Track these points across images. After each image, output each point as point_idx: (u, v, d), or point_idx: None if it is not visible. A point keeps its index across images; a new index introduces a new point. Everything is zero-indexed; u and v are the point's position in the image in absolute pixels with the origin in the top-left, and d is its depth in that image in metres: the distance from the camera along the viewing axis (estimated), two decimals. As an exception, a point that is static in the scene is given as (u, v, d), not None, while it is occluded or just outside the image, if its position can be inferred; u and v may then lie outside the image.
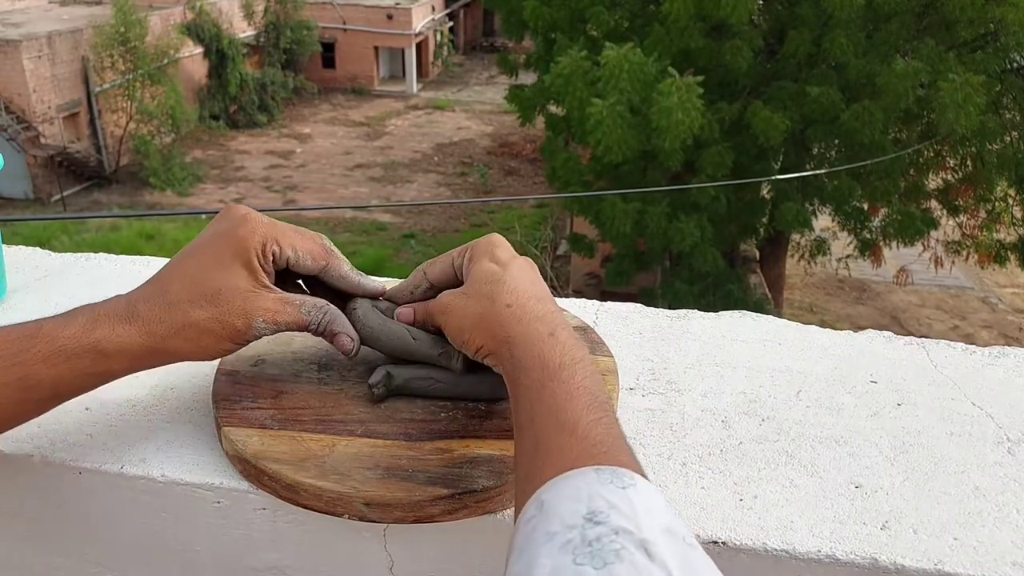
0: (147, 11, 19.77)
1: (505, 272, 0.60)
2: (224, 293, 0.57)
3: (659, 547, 0.41)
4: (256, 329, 0.58)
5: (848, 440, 0.65)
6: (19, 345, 0.54)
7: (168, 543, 0.64)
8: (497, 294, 0.58)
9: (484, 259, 0.62)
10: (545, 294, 0.61)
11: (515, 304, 0.58)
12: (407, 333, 0.63)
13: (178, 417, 0.66)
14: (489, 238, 0.64)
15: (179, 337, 0.57)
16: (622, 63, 8.17)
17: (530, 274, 0.62)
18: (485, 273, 0.60)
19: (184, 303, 0.57)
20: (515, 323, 0.57)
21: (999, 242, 11.71)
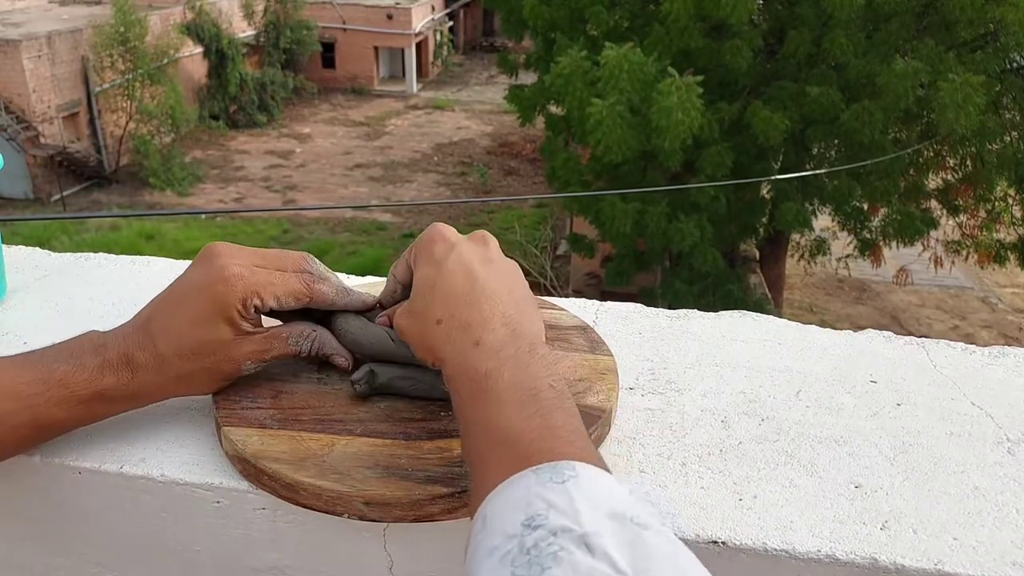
0: (147, 11, 19.77)
1: (437, 277, 0.57)
2: (208, 346, 0.60)
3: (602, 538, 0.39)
4: (246, 369, 0.62)
5: (848, 440, 0.65)
6: (33, 389, 0.56)
7: (168, 543, 0.64)
8: (428, 310, 0.56)
9: (421, 263, 0.59)
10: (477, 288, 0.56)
11: (444, 318, 0.55)
12: (387, 336, 0.63)
13: (178, 417, 0.66)
14: (429, 233, 0.61)
15: (173, 385, 0.61)
16: (622, 63, 8.16)
17: (466, 268, 0.57)
18: (420, 284, 0.58)
19: (172, 357, 0.59)
20: (444, 341, 0.55)
21: (999, 242, 11.72)
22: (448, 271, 0.57)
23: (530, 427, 0.47)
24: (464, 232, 0.62)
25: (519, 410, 0.48)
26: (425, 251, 0.59)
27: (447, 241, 0.59)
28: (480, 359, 0.52)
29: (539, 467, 0.43)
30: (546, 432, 0.46)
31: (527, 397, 0.49)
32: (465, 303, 0.56)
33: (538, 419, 0.47)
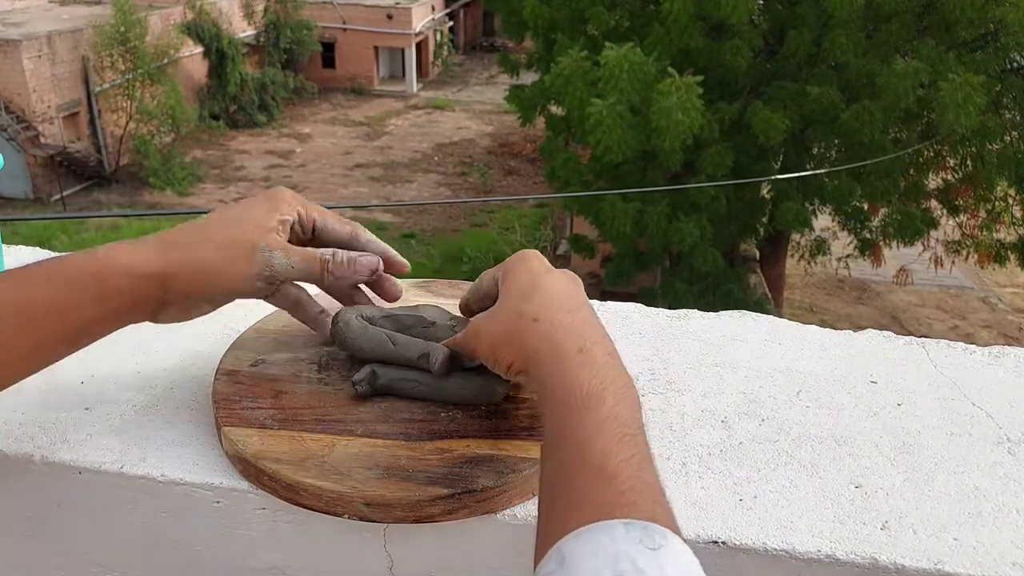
0: (147, 11, 19.76)
1: (536, 285, 0.57)
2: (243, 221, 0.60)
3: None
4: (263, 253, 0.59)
5: (848, 440, 0.65)
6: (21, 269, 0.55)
7: (168, 543, 0.64)
8: (525, 308, 0.56)
9: (516, 273, 0.59)
10: (581, 307, 0.57)
11: (543, 318, 0.54)
12: (387, 339, 0.63)
13: (178, 417, 0.66)
14: (523, 253, 0.62)
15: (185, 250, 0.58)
16: (622, 63, 8.17)
17: (566, 286, 0.58)
18: (515, 288, 0.58)
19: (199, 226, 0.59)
20: (541, 339, 0.53)
21: (999, 242, 11.72)
22: (549, 281, 0.58)
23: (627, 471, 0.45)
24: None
25: (618, 448, 0.46)
26: (522, 266, 0.60)
27: (543, 263, 0.60)
28: (583, 372, 0.50)
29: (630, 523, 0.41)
30: (639, 484, 0.44)
31: (627, 436, 0.47)
32: (567, 311, 0.55)
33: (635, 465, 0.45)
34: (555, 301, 0.56)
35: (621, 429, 0.47)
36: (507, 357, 0.56)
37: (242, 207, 0.61)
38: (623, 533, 0.40)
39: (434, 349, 0.62)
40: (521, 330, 0.55)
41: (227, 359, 0.68)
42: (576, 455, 0.46)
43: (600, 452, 0.45)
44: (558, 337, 0.53)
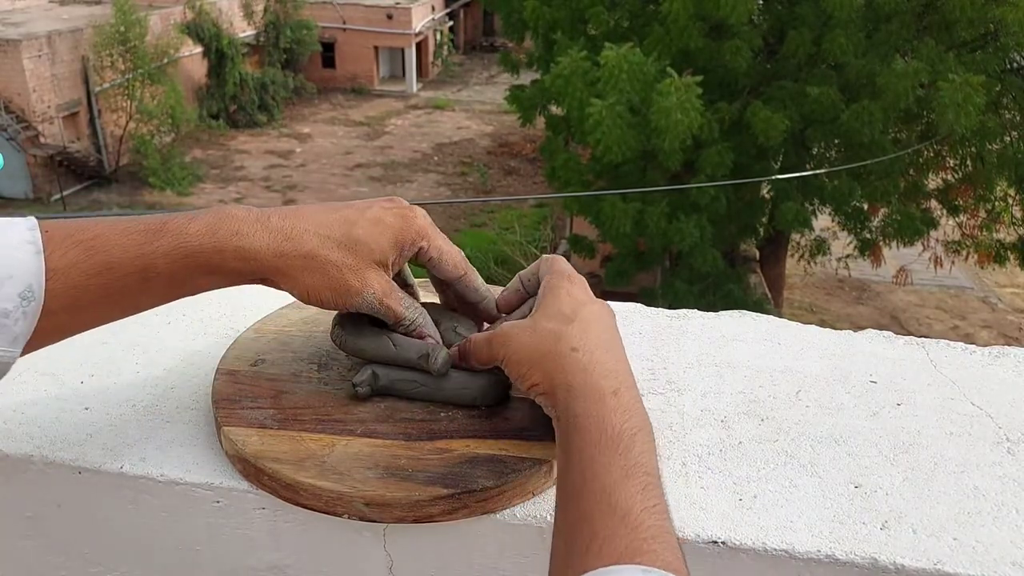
0: (147, 11, 19.76)
1: (578, 313, 0.56)
2: (360, 250, 0.58)
3: None
4: (363, 298, 0.58)
5: (848, 440, 0.65)
6: (144, 238, 0.54)
7: (168, 543, 0.64)
8: (565, 335, 0.55)
9: (558, 292, 0.58)
10: (617, 345, 0.57)
11: (582, 350, 0.54)
12: (388, 340, 0.63)
13: (178, 417, 0.66)
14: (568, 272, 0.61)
15: (296, 265, 0.56)
16: (621, 63, 8.17)
17: (605, 320, 0.58)
18: (557, 308, 0.57)
19: (321, 235, 0.57)
20: (579, 371, 0.53)
21: (999, 242, 11.72)
22: (591, 313, 0.57)
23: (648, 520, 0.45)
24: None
25: (642, 495, 0.46)
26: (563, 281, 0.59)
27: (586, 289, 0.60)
28: (617, 414, 0.50)
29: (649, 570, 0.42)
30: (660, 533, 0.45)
31: (650, 485, 0.47)
32: (605, 349, 0.55)
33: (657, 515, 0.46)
34: (596, 333, 0.56)
35: (647, 477, 0.47)
36: (535, 377, 0.55)
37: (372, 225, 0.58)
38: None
39: (434, 349, 0.62)
40: (558, 355, 0.54)
41: (227, 359, 0.68)
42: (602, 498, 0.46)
43: (626, 498, 0.46)
44: (595, 374, 0.53)
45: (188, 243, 0.54)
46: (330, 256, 0.57)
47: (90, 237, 0.53)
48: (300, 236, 0.56)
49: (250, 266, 0.56)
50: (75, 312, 0.54)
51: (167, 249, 0.54)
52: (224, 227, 0.55)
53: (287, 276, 0.56)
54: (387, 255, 0.59)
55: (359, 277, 0.58)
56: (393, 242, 0.59)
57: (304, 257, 0.56)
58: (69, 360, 0.73)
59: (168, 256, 0.54)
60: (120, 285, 0.54)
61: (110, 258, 0.53)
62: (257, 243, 0.55)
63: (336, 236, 0.57)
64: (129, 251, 0.53)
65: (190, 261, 0.54)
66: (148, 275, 0.54)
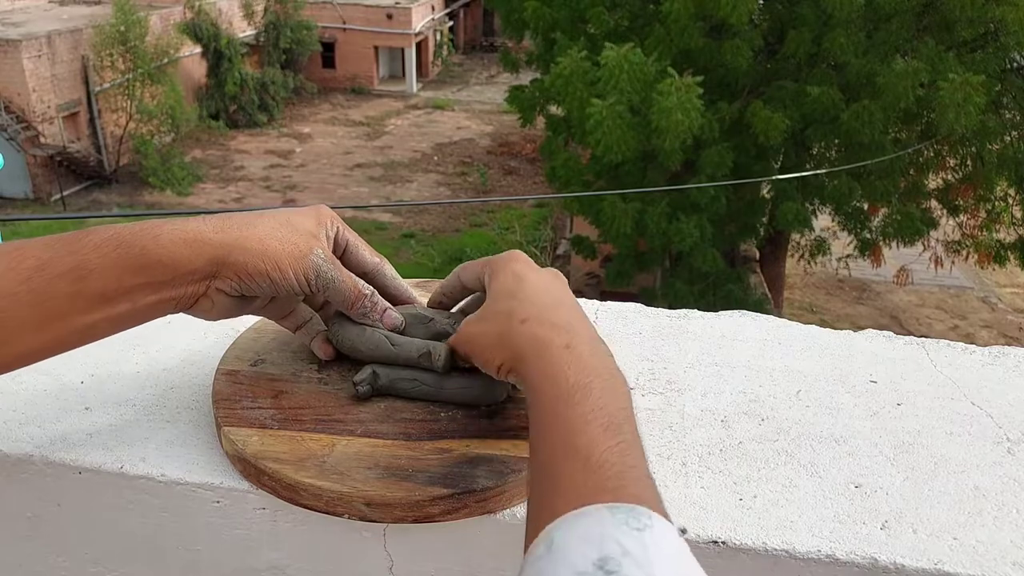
0: (147, 11, 19.76)
1: (522, 284, 0.58)
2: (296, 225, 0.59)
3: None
4: (313, 257, 0.59)
5: (848, 440, 0.65)
6: (74, 237, 0.53)
7: (168, 543, 0.64)
8: (514, 309, 0.56)
9: (501, 274, 0.60)
10: (566, 303, 0.58)
11: (531, 318, 0.55)
12: (386, 340, 0.63)
13: (178, 417, 0.66)
14: (508, 253, 0.62)
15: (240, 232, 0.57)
16: (622, 63, 8.17)
17: (552, 284, 0.59)
18: (502, 289, 0.59)
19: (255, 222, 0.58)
20: (528, 338, 0.54)
21: (999, 242, 11.72)
22: (536, 280, 0.59)
23: (611, 459, 0.46)
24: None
25: (603, 437, 0.47)
26: (504, 264, 0.61)
27: (529, 263, 0.61)
28: (570, 367, 0.51)
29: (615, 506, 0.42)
30: (625, 470, 0.45)
31: (612, 425, 0.48)
32: (553, 306, 0.56)
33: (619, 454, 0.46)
34: (541, 298, 0.57)
35: (607, 419, 0.48)
36: (497, 358, 0.56)
37: (291, 212, 0.61)
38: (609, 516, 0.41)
39: (435, 347, 0.62)
40: (510, 331, 0.56)
41: (227, 359, 0.68)
42: (562, 446, 0.47)
43: (587, 443, 0.46)
44: (544, 334, 0.54)
45: (119, 234, 0.53)
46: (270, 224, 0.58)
47: (16, 247, 0.52)
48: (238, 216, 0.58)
49: (194, 249, 0.54)
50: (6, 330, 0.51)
51: (98, 242, 0.53)
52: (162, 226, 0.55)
53: (238, 249, 0.56)
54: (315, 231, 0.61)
55: (303, 239, 0.59)
56: (315, 222, 0.61)
57: (247, 226, 0.57)
58: (69, 360, 0.73)
59: (99, 249, 0.52)
60: (52, 290, 0.51)
61: (39, 261, 0.51)
62: (196, 224, 0.56)
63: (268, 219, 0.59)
64: (59, 251, 0.52)
65: (123, 252, 0.52)
66: (80, 273, 0.52)
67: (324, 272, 0.59)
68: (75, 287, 0.52)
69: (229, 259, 0.56)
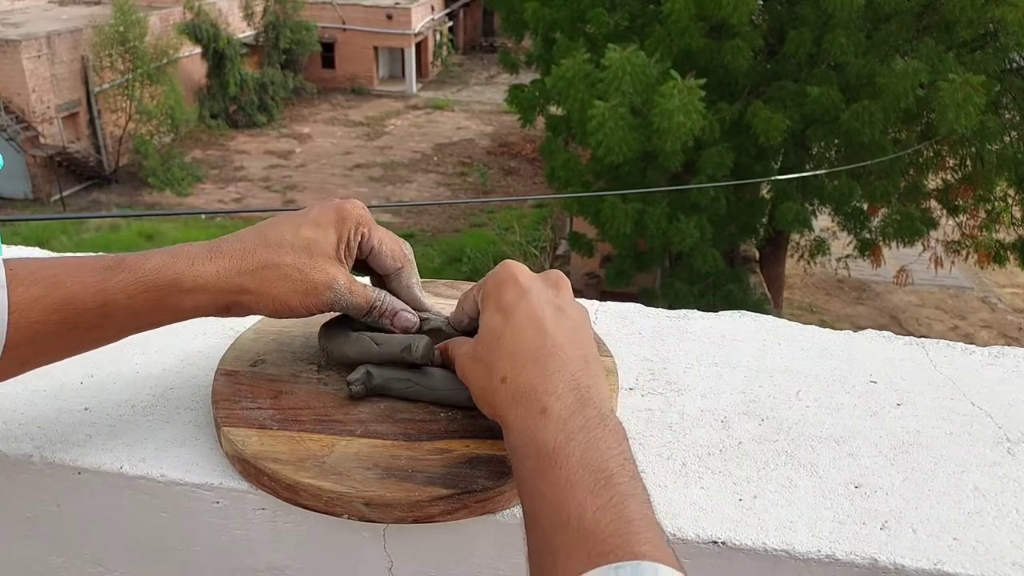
0: (147, 11, 19.77)
1: (505, 328, 0.56)
2: (315, 247, 0.59)
3: None
4: (332, 292, 0.60)
5: (848, 440, 0.65)
6: (102, 275, 0.55)
7: (168, 543, 0.64)
8: (494, 364, 0.55)
9: (489, 309, 0.58)
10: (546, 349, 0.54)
11: (509, 376, 0.54)
12: (370, 341, 0.63)
13: (178, 417, 0.66)
14: (497, 273, 0.60)
15: (257, 277, 0.58)
16: (625, 65, 8.17)
17: (536, 319, 0.56)
18: (486, 332, 0.57)
19: (274, 245, 0.59)
20: (508, 404, 0.53)
21: (999, 242, 11.71)
22: (517, 324, 0.56)
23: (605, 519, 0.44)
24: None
25: (592, 497, 0.45)
26: (494, 294, 0.58)
27: (518, 285, 0.58)
28: (548, 431, 0.49)
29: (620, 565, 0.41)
30: (622, 526, 0.43)
31: (601, 481, 0.46)
32: (532, 360, 0.54)
33: (613, 510, 0.44)
34: (521, 350, 0.54)
35: (593, 478, 0.46)
36: (485, 410, 0.56)
37: (315, 225, 0.60)
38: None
39: (414, 340, 0.62)
40: (491, 390, 0.55)
41: (227, 359, 0.68)
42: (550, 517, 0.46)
43: (575, 508, 0.45)
44: (522, 400, 0.52)
45: (145, 278, 0.56)
46: (287, 260, 0.59)
47: (51, 275, 0.55)
48: (253, 251, 0.58)
49: (211, 294, 0.57)
50: (36, 347, 0.55)
51: (125, 284, 0.56)
52: (179, 260, 0.57)
53: (251, 292, 0.58)
54: (337, 248, 0.61)
55: (322, 272, 0.59)
56: (337, 234, 0.61)
57: (263, 268, 0.58)
58: (69, 360, 0.73)
59: (126, 291, 0.55)
60: (80, 321, 0.55)
61: (69, 294, 0.54)
62: (214, 269, 0.57)
63: (287, 242, 0.59)
64: (88, 287, 0.55)
65: (150, 295, 0.56)
66: (108, 310, 0.55)
67: (338, 298, 0.60)
68: (101, 321, 0.56)
69: (241, 301, 0.58)
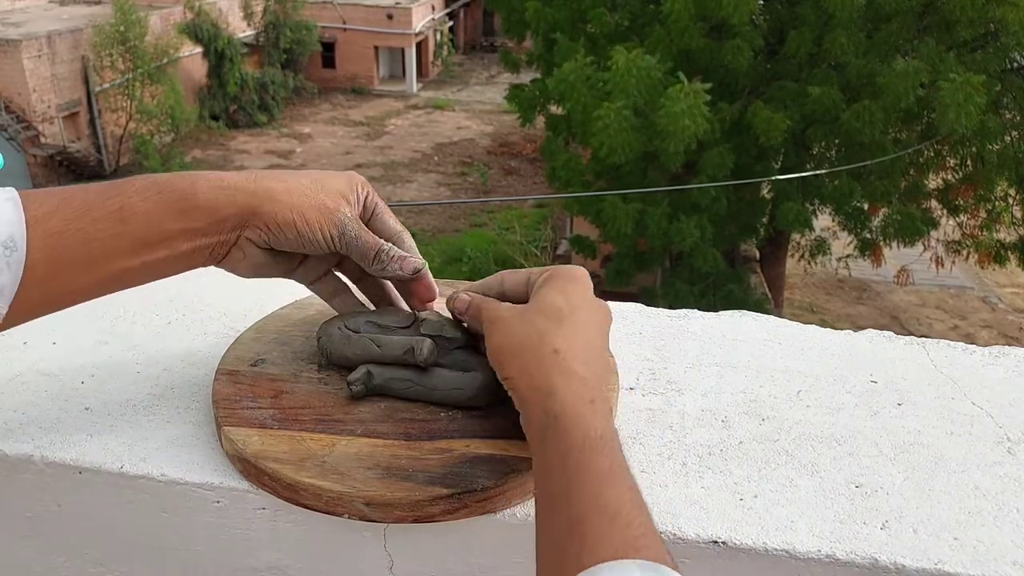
0: (147, 11, 19.77)
1: (569, 313, 0.57)
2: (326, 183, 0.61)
3: None
4: (343, 216, 0.61)
5: (848, 440, 0.65)
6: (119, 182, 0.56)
7: (168, 543, 0.64)
8: (549, 333, 0.55)
9: (555, 290, 0.58)
10: (599, 356, 0.57)
11: (564, 352, 0.54)
12: (371, 343, 0.63)
13: (178, 417, 0.66)
14: (573, 271, 0.61)
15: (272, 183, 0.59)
16: (630, 67, 8.18)
17: (596, 326, 0.58)
18: (548, 305, 0.57)
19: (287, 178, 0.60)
20: (558, 374, 0.53)
21: (999, 242, 11.71)
22: (583, 315, 0.57)
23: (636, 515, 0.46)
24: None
25: (626, 493, 0.47)
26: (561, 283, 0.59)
27: (586, 291, 0.60)
28: (596, 419, 0.51)
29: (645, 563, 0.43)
30: (647, 527, 0.46)
31: (631, 483, 0.48)
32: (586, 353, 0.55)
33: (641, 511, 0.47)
34: (582, 339, 0.56)
35: (628, 479, 0.48)
36: (511, 369, 0.55)
37: (325, 174, 0.63)
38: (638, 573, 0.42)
39: (418, 342, 0.62)
40: (538, 354, 0.54)
41: (227, 359, 0.68)
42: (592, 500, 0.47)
43: (615, 498, 0.47)
44: (574, 380, 0.53)
45: (159, 180, 0.56)
46: (303, 180, 0.61)
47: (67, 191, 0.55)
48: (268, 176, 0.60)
49: (228, 195, 0.57)
50: (56, 263, 0.53)
51: (141, 187, 0.56)
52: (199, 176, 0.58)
53: (268, 199, 0.58)
54: (346, 192, 0.62)
55: (331, 198, 0.61)
56: (347, 183, 0.63)
57: (279, 180, 0.60)
58: (69, 360, 0.73)
59: (142, 193, 0.55)
60: (97, 229, 0.54)
61: (86, 202, 0.54)
62: (231, 175, 0.59)
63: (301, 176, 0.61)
64: (104, 194, 0.55)
65: (164, 196, 0.55)
66: (124, 215, 0.55)
67: (349, 230, 0.61)
68: (118, 228, 0.54)
69: (260, 208, 0.58)
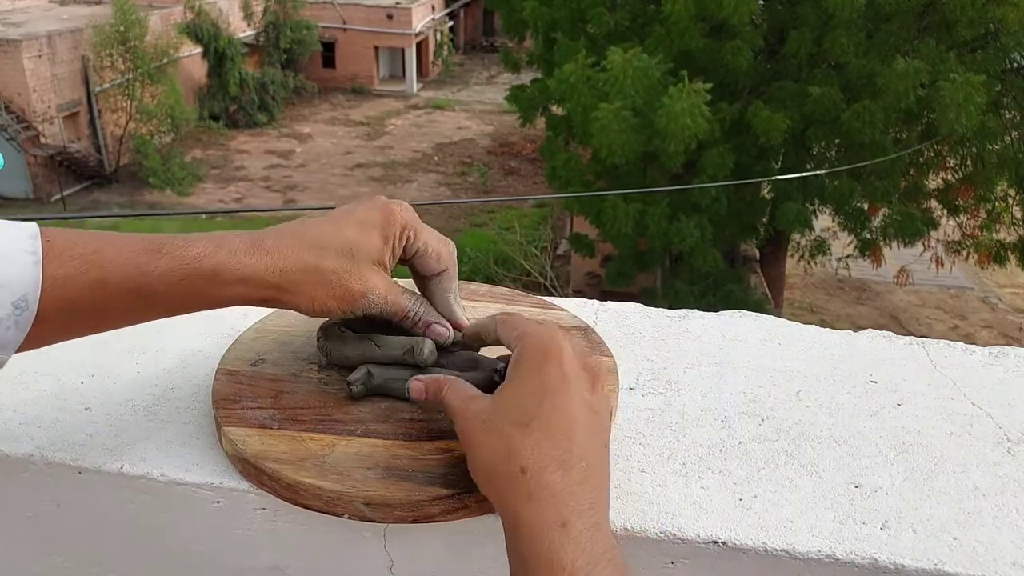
0: (147, 11, 19.77)
1: (538, 411, 0.51)
2: (357, 252, 0.58)
3: None
4: (368, 300, 0.59)
5: (848, 440, 0.65)
6: (142, 258, 0.54)
7: (168, 543, 0.64)
8: (515, 446, 0.50)
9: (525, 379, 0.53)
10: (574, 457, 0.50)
11: (531, 468, 0.49)
12: (371, 343, 0.63)
13: (178, 417, 0.66)
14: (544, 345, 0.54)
15: (297, 279, 0.57)
16: (627, 67, 8.18)
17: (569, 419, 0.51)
18: (515, 406, 0.52)
19: (318, 247, 0.57)
20: (524, 500, 0.48)
21: (999, 242, 11.72)
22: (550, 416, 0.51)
23: None
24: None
25: None
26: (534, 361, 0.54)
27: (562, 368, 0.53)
28: (566, 550, 0.45)
29: None
30: None
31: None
32: (559, 463, 0.49)
33: None
34: (552, 443, 0.50)
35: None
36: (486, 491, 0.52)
37: (360, 226, 0.59)
38: None
39: (418, 342, 0.62)
40: (507, 476, 0.50)
41: (227, 359, 0.68)
42: None
43: None
44: (542, 503, 0.47)
45: (185, 266, 0.54)
46: (329, 264, 0.57)
47: (89, 251, 0.53)
48: (295, 251, 0.57)
49: (250, 288, 0.56)
50: (65, 323, 0.54)
51: (164, 271, 0.54)
52: (221, 251, 0.55)
53: (290, 292, 0.57)
54: (381, 252, 0.59)
55: (360, 280, 0.58)
56: (383, 238, 0.60)
57: (304, 271, 0.57)
58: (69, 360, 0.73)
59: (164, 279, 0.54)
60: (114, 303, 0.54)
61: (105, 274, 0.53)
62: (255, 264, 0.56)
63: (331, 245, 0.58)
64: (125, 270, 0.53)
65: (187, 284, 0.54)
66: (144, 294, 0.54)
67: (374, 309, 0.59)
68: (136, 304, 0.55)
69: (281, 300, 0.57)
